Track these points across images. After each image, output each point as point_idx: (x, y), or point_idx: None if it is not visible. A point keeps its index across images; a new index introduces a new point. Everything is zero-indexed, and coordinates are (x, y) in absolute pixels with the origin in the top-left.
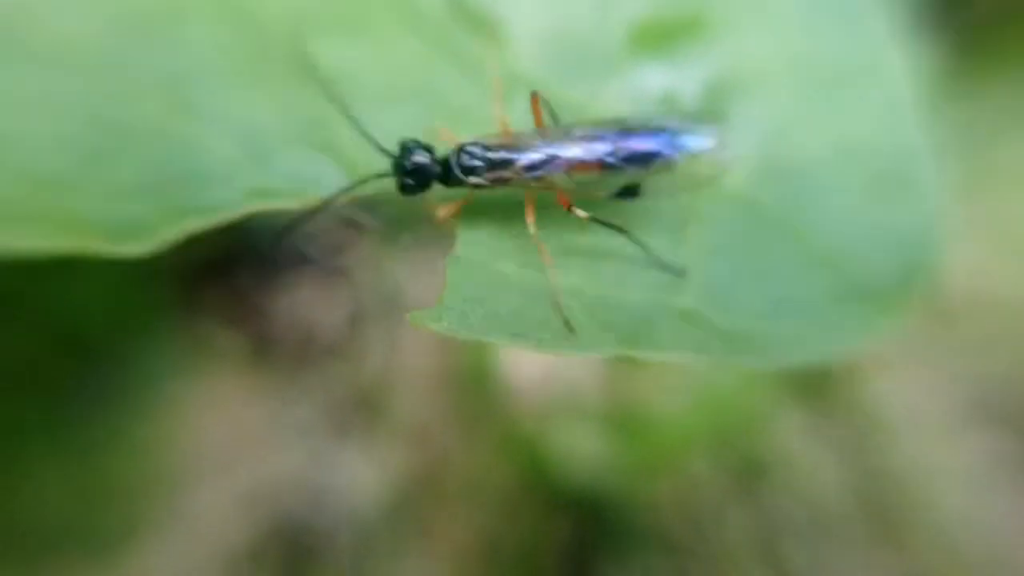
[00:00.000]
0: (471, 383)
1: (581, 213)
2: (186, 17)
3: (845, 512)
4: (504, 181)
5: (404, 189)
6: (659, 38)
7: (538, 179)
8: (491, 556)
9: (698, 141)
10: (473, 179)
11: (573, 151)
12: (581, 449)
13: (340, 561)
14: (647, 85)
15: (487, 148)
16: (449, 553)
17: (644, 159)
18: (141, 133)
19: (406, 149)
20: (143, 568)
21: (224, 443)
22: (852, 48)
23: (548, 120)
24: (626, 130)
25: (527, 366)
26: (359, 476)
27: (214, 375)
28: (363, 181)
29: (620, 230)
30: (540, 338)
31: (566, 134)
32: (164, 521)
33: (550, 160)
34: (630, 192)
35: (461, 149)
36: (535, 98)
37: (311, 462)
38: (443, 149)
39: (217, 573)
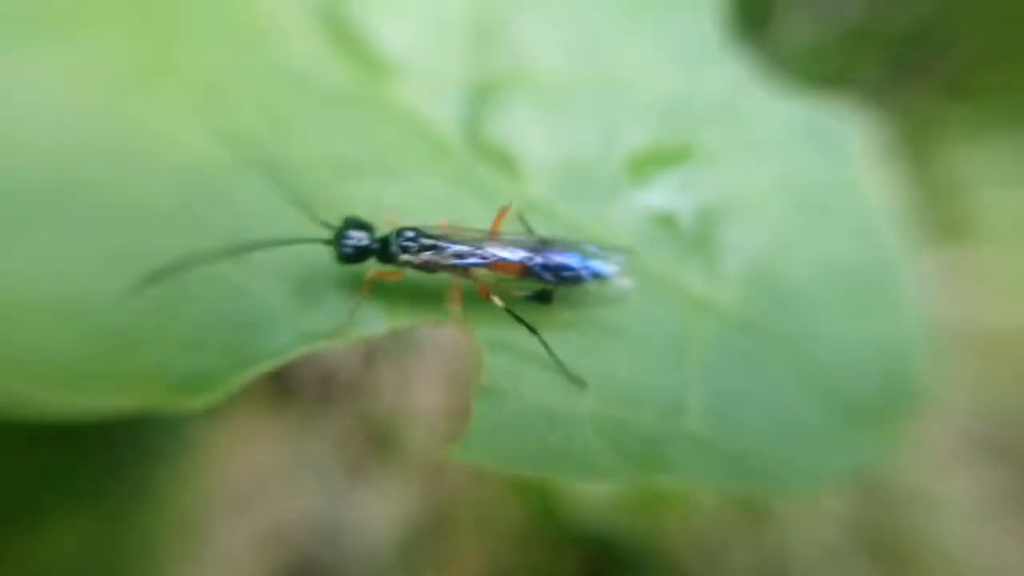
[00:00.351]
0: None
1: (498, 302)
2: (233, 170)
3: (850, 544)
4: (433, 265)
5: (341, 258)
6: (656, 165)
7: (464, 270)
8: None
9: (604, 266)
10: (405, 257)
11: (499, 251)
12: (592, 487)
13: None
14: (645, 207)
15: (422, 235)
16: None
17: (557, 270)
18: (199, 284)
19: (348, 225)
20: None
21: (243, 483)
22: (829, 172)
23: (522, 229)
24: (547, 244)
25: None
26: (373, 513)
27: (233, 416)
28: (305, 241)
29: (531, 329)
30: (560, 467)
31: (496, 239)
32: (184, 564)
33: (477, 254)
34: (543, 296)
35: (400, 231)
36: (504, 210)
37: (327, 500)
38: (385, 232)
39: None
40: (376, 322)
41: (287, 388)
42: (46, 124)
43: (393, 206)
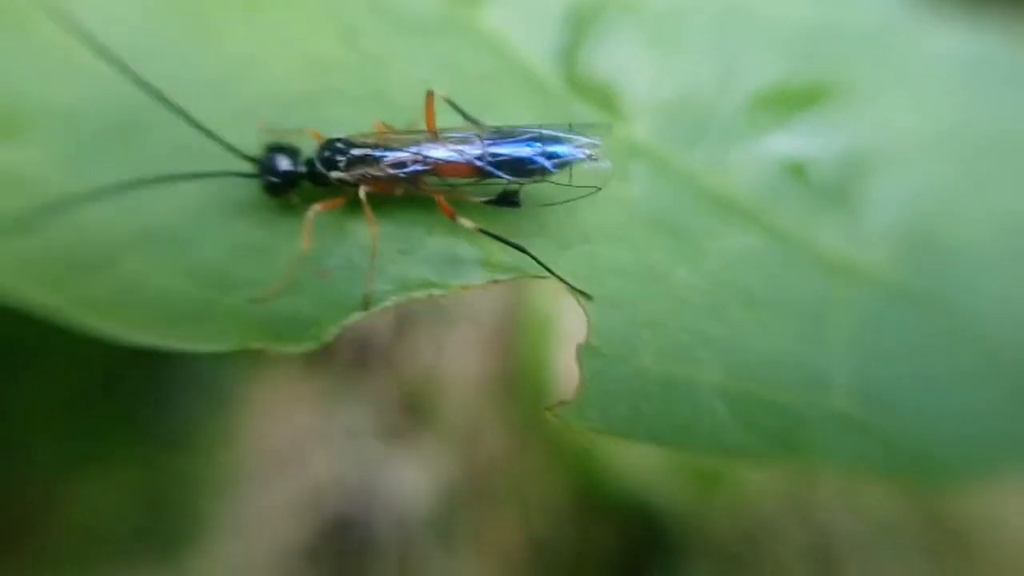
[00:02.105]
0: (525, 388)
1: (467, 223)
2: (321, 100)
3: (903, 523)
4: (372, 180)
5: (269, 189)
6: (786, 105)
7: (410, 179)
8: (538, 561)
9: (572, 151)
10: (335, 174)
11: (442, 152)
12: (635, 460)
13: (390, 562)
14: (773, 154)
15: (350, 145)
16: (496, 556)
17: (516, 166)
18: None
19: (269, 151)
20: (205, 569)
21: (278, 445)
22: (1005, 112)
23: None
24: (499, 136)
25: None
26: (407, 479)
27: (271, 380)
28: (219, 175)
29: (517, 247)
30: (685, 441)
31: (437, 137)
32: (224, 523)
33: (417, 159)
34: (508, 200)
35: (324, 145)
36: (430, 97)
37: (361, 465)
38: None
39: (275, 574)
40: (475, 272)
41: (322, 352)
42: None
43: None
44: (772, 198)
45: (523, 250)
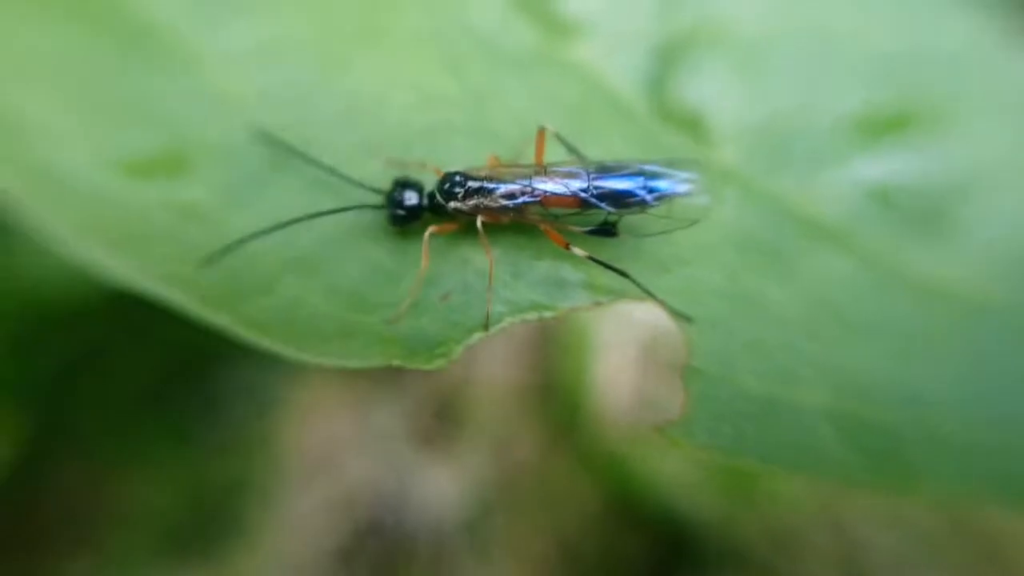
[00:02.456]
0: (559, 396)
1: (580, 252)
2: (435, 133)
3: (936, 536)
4: (485, 209)
5: (394, 220)
6: (873, 131)
7: (518, 209)
8: (568, 568)
9: (672, 185)
10: (452, 204)
11: (550, 185)
12: (666, 468)
13: (422, 566)
14: (861, 179)
15: (467, 178)
16: (527, 562)
17: (618, 198)
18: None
19: (395, 186)
20: (244, 567)
21: (314, 449)
22: None
23: (569, 157)
24: (603, 170)
25: (619, 386)
26: (440, 485)
27: (311, 387)
28: (355, 208)
29: (622, 273)
30: (792, 461)
31: (545, 171)
32: (263, 524)
33: (526, 191)
34: (607, 230)
35: (444, 178)
36: (540, 133)
37: (395, 471)
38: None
39: (312, 574)
40: (581, 294)
41: None
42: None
43: None
44: (860, 221)
45: (627, 275)
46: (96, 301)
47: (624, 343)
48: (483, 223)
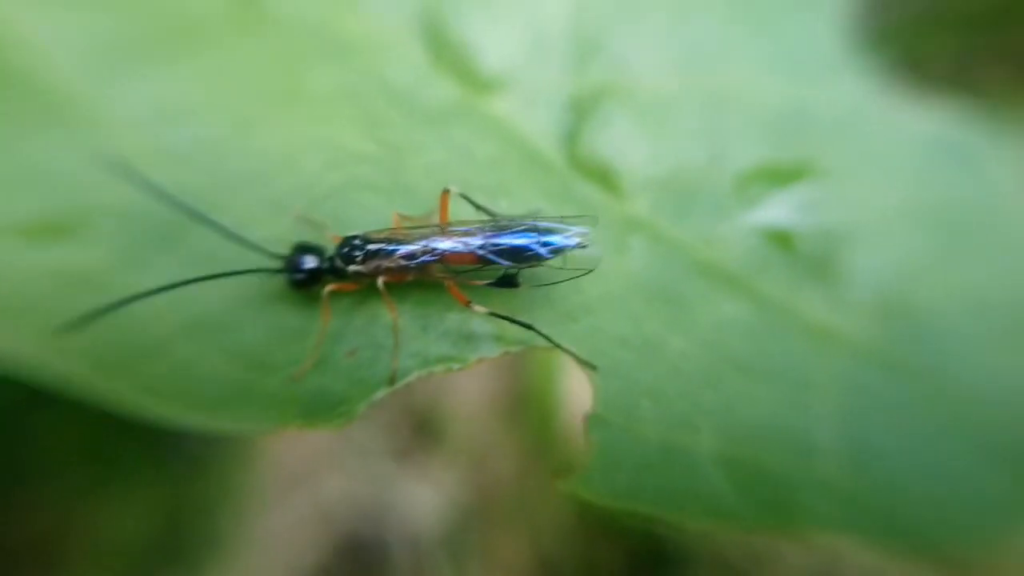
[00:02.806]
0: (533, 410)
1: (480, 309)
2: (346, 191)
3: None
4: (386, 270)
5: (294, 284)
6: (769, 182)
7: (420, 268)
8: None
9: (565, 239)
10: (352, 268)
11: (448, 244)
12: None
13: None
14: (758, 227)
15: (367, 241)
16: (505, 574)
17: (514, 253)
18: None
19: (296, 250)
20: None
21: (292, 464)
22: (971, 192)
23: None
24: (499, 228)
25: (587, 400)
26: (418, 499)
27: None
28: (253, 272)
29: (526, 325)
30: (684, 508)
31: (443, 231)
32: (241, 540)
33: (426, 251)
34: (508, 282)
35: (343, 242)
36: (444, 195)
37: (373, 485)
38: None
39: None
40: (489, 346)
41: None
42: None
43: None
44: (759, 267)
45: (532, 328)
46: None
47: None
48: (386, 283)
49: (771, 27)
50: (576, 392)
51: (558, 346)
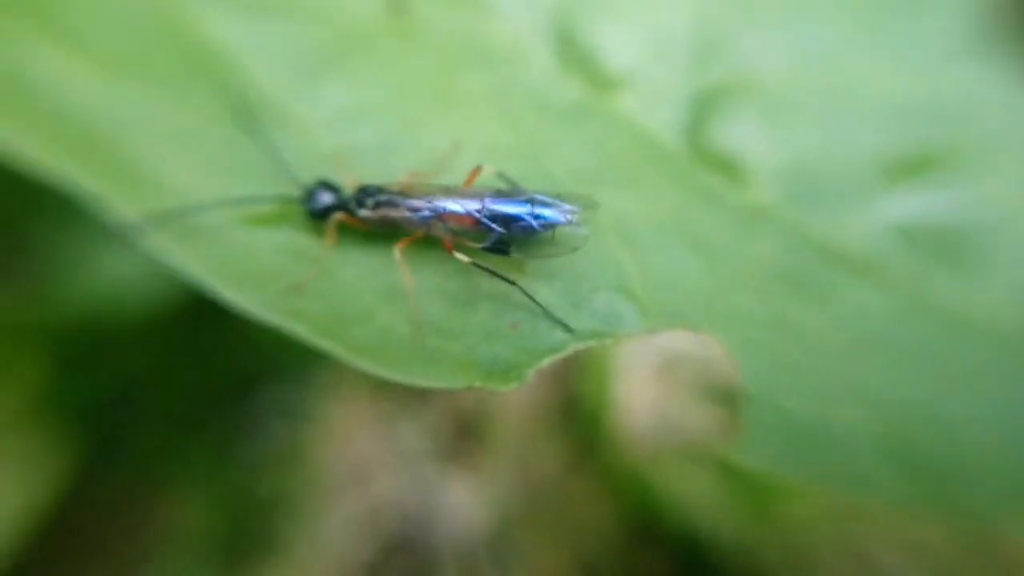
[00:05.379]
0: (581, 414)
1: (463, 257)
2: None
3: (948, 560)
4: (392, 220)
5: (312, 214)
6: (897, 172)
7: (423, 222)
8: None
9: (556, 215)
10: (363, 212)
11: (449, 204)
12: (685, 487)
13: None
14: (890, 216)
15: (381, 191)
16: None
17: (506, 221)
18: (487, 283)
19: (318, 184)
20: None
21: (340, 467)
22: None
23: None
24: (497, 195)
25: (638, 406)
26: (464, 502)
27: (341, 405)
28: (279, 199)
29: (506, 279)
30: (837, 481)
31: (450, 192)
32: (294, 540)
33: (429, 208)
34: (499, 248)
35: (362, 188)
36: (476, 170)
37: (419, 488)
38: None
39: None
40: (635, 323)
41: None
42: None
43: (631, 213)
44: (888, 256)
45: (516, 284)
46: (148, 325)
47: (642, 364)
48: (400, 247)
49: (893, 18)
50: (627, 398)
51: (539, 305)
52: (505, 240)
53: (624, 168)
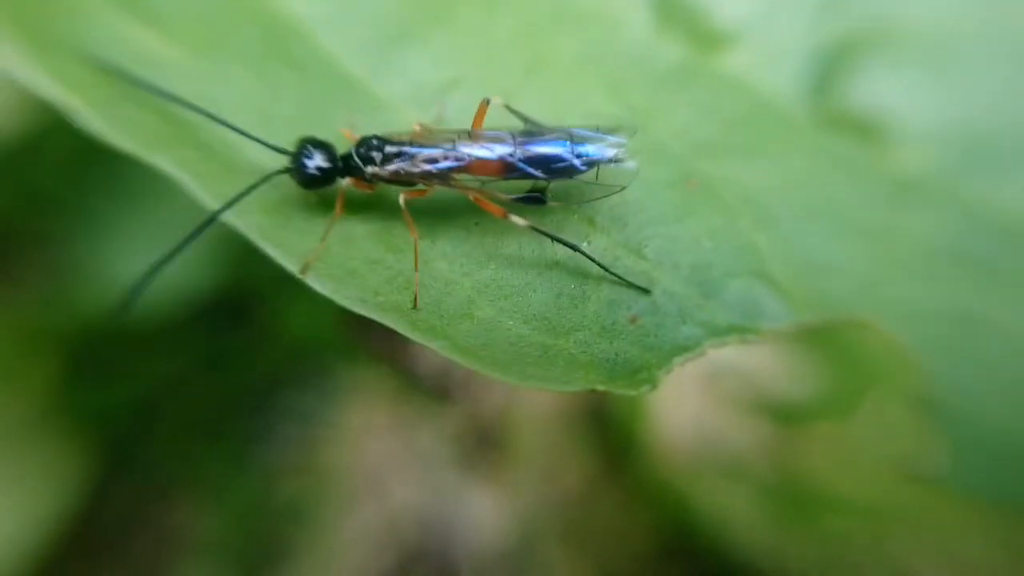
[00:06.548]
0: (613, 427)
1: (520, 221)
2: None
3: (990, 572)
4: (406, 175)
5: (304, 183)
6: None
7: (442, 175)
8: None
9: (600, 150)
10: (371, 169)
11: (475, 149)
12: (715, 500)
13: None
14: None
15: (386, 142)
16: None
17: (545, 163)
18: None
19: (303, 146)
20: None
21: (359, 474)
22: None
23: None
24: (529, 135)
25: (678, 418)
26: (484, 512)
27: (357, 411)
28: (267, 178)
29: (569, 244)
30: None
31: (470, 135)
32: (308, 548)
33: (450, 156)
34: (535, 198)
35: (361, 142)
36: (483, 106)
37: (439, 497)
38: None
39: None
40: (779, 314)
41: (405, 382)
42: None
43: (761, 188)
44: None
45: (578, 249)
46: (163, 331)
47: (684, 374)
48: (408, 200)
49: None
50: (664, 407)
51: (611, 272)
52: (542, 186)
53: (746, 136)
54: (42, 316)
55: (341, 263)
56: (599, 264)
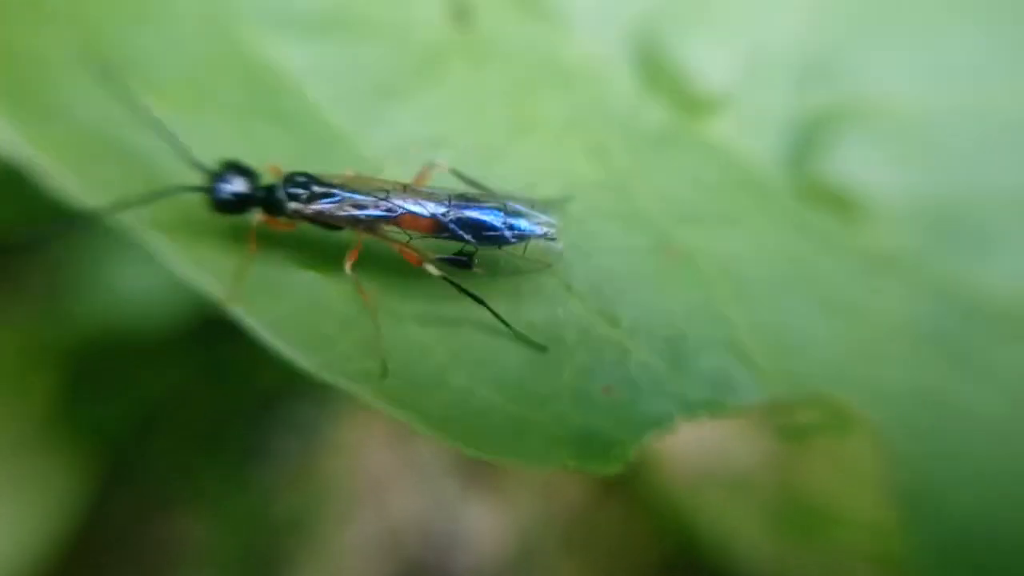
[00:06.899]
0: None
1: (433, 270)
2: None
3: None
4: (329, 218)
5: (217, 206)
6: None
7: (370, 225)
8: None
9: (532, 226)
10: (294, 205)
11: (407, 203)
12: (719, 514)
13: None
14: None
15: (315, 180)
16: None
17: (476, 228)
18: (575, 338)
19: (226, 168)
20: None
21: (357, 485)
22: None
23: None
24: (465, 198)
25: (680, 433)
26: (484, 524)
27: (355, 422)
28: (176, 191)
29: (477, 299)
30: None
31: (406, 188)
32: (307, 560)
33: (381, 206)
34: (462, 261)
35: (288, 177)
36: (426, 168)
37: (438, 508)
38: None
39: None
40: (750, 390)
41: None
42: None
43: (737, 257)
44: None
45: (484, 303)
46: (163, 344)
47: None
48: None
49: None
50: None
51: (510, 328)
52: (469, 251)
53: (725, 204)
54: (42, 330)
55: (311, 325)
56: (501, 319)
